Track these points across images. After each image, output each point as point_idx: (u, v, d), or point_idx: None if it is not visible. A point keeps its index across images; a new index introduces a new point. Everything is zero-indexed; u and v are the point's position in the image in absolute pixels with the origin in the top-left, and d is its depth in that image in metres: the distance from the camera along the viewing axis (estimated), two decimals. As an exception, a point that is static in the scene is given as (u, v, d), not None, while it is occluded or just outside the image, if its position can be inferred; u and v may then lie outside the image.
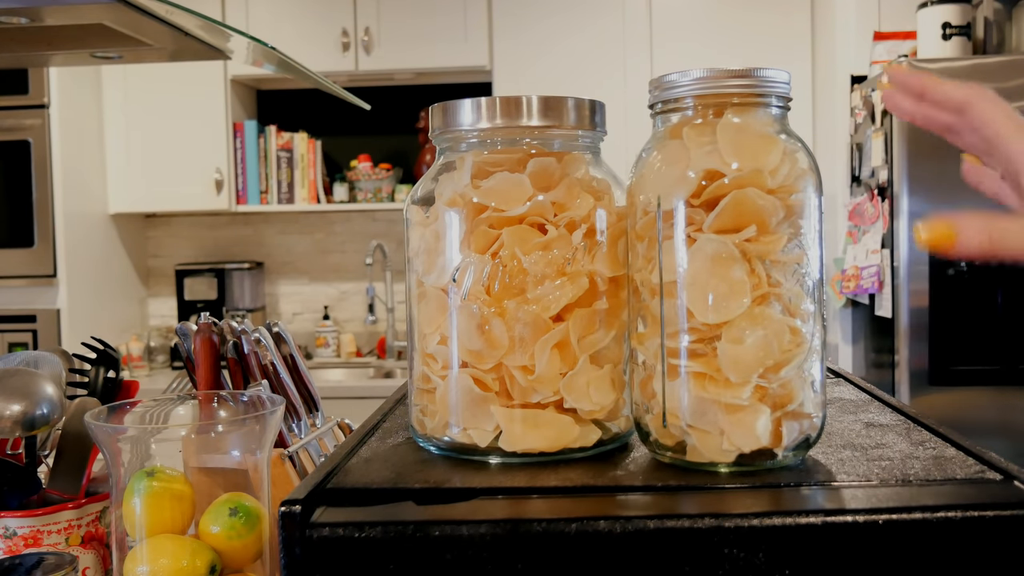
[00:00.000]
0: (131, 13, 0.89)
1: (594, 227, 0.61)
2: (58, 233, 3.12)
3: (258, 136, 3.47)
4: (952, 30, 2.56)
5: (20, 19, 0.91)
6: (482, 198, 0.60)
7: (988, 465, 0.57)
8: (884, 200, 2.52)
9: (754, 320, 0.56)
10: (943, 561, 0.50)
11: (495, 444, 0.60)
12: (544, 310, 0.59)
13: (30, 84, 3.08)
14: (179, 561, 0.70)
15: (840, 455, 0.60)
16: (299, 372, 1.02)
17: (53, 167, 3.11)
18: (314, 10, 3.34)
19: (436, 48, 3.31)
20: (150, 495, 0.71)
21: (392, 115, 3.59)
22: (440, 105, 0.64)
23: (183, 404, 0.84)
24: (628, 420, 0.64)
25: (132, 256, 3.64)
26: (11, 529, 0.83)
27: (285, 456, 0.91)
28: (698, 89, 0.58)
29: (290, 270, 3.76)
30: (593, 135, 0.65)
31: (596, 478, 0.57)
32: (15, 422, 0.82)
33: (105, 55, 1.14)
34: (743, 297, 0.55)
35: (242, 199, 3.45)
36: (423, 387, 0.64)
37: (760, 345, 0.55)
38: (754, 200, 0.55)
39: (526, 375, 0.59)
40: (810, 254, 0.58)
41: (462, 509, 0.53)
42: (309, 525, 0.51)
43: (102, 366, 0.99)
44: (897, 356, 2.46)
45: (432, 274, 0.62)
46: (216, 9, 3.33)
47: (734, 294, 0.55)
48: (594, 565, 0.50)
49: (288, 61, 1.16)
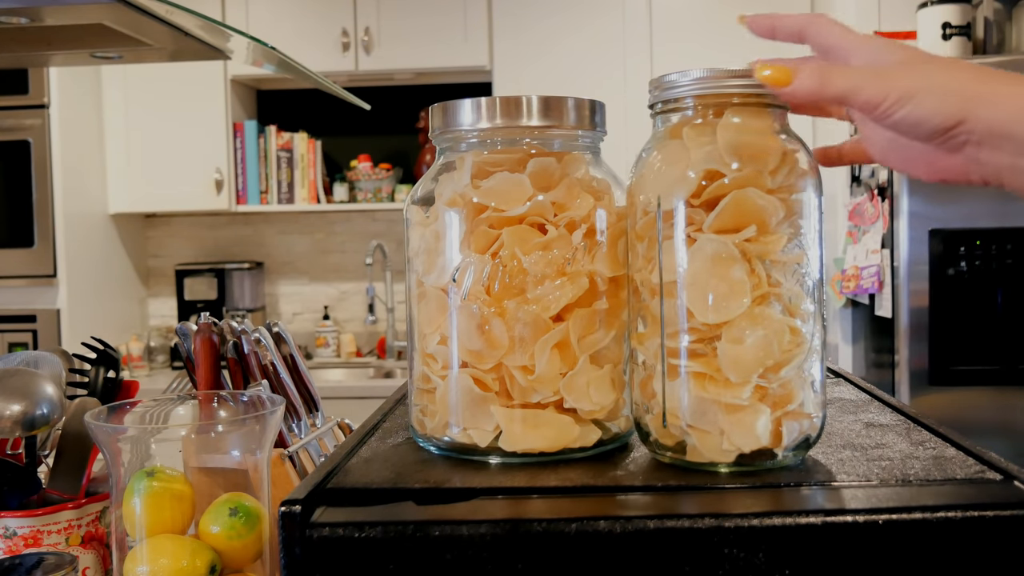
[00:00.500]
0: (131, 13, 0.90)
1: (594, 227, 0.61)
2: (58, 233, 3.12)
3: (258, 136, 3.47)
4: (952, 30, 2.56)
5: (20, 19, 0.91)
6: (482, 198, 0.60)
7: (988, 465, 0.57)
8: (884, 200, 2.52)
9: (754, 320, 0.56)
10: (943, 561, 0.50)
11: (495, 444, 0.60)
12: (544, 310, 0.59)
13: (30, 84, 3.08)
14: (179, 561, 0.70)
15: (840, 455, 0.60)
16: (299, 372, 1.02)
17: (53, 167, 3.11)
18: (314, 10, 3.34)
19: (436, 48, 3.31)
20: (150, 495, 0.71)
21: (392, 115, 3.59)
22: (440, 105, 0.64)
23: (183, 404, 0.84)
24: (628, 420, 0.64)
25: (132, 256, 3.64)
26: (11, 529, 0.83)
27: (285, 456, 0.91)
28: (698, 89, 0.58)
29: (290, 270, 3.76)
30: (593, 135, 0.65)
31: (596, 478, 0.57)
32: (15, 422, 0.82)
33: (105, 55, 1.14)
34: (743, 297, 0.55)
35: (242, 199, 3.45)
36: (423, 387, 0.64)
37: (760, 345, 0.55)
38: (754, 200, 0.55)
39: (526, 375, 0.59)
40: (810, 254, 0.58)
41: (462, 509, 0.53)
42: (309, 525, 0.51)
43: (102, 366, 0.99)
44: (897, 356, 2.46)
45: (432, 274, 0.62)
46: (216, 9, 3.33)
47: (734, 294, 0.55)
48: (594, 565, 0.50)
49: (288, 61, 1.16)
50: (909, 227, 2.41)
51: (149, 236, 3.76)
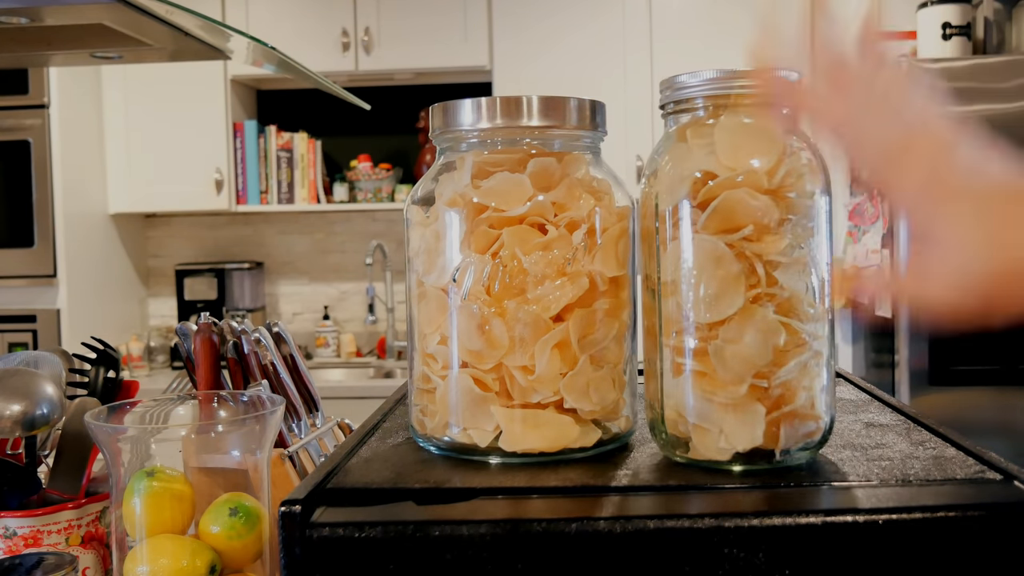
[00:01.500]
0: (131, 13, 0.89)
1: (594, 227, 0.61)
2: (58, 233, 3.11)
3: (258, 136, 3.47)
4: (952, 30, 2.56)
5: (20, 19, 0.91)
6: (482, 198, 0.60)
7: (988, 465, 0.57)
8: (884, 200, 2.52)
9: (748, 320, 0.56)
10: (943, 561, 0.50)
11: (495, 444, 0.60)
12: (544, 310, 0.59)
13: (30, 84, 3.08)
14: (179, 561, 0.70)
15: (840, 455, 0.60)
16: (299, 372, 1.02)
17: (53, 167, 3.11)
18: (314, 10, 3.33)
19: (436, 48, 3.31)
20: (150, 495, 0.71)
21: (392, 115, 3.59)
22: (440, 105, 0.64)
23: (183, 404, 0.84)
24: (628, 420, 0.64)
25: (132, 256, 3.63)
26: (11, 529, 0.83)
27: (285, 456, 0.91)
28: (704, 90, 0.59)
29: (290, 270, 3.76)
30: (593, 135, 0.65)
31: (596, 478, 0.57)
32: (15, 422, 0.82)
33: (105, 55, 1.14)
34: (737, 296, 0.56)
35: (242, 199, 3.45)
36: (423, 387, 0.64)
37: (753, 345, 0.55)
38: (746, 200, 0.55)
39: (526, 375, 0.59)
40: (816, 255, 0.58)
41: (462, 509, 0.53)
42: (309, 525, 0.51)
43: (102, 366, 0.99)
44: (897, 356, 2.46)
45: (432, 274, 0.62)
46: (216, 9, 3.32)
47: (727, 293, 0.56)
48: (594, 565, 0.50)
49: (288, 61, 1.16)
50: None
51: (149, 236, 3.76)
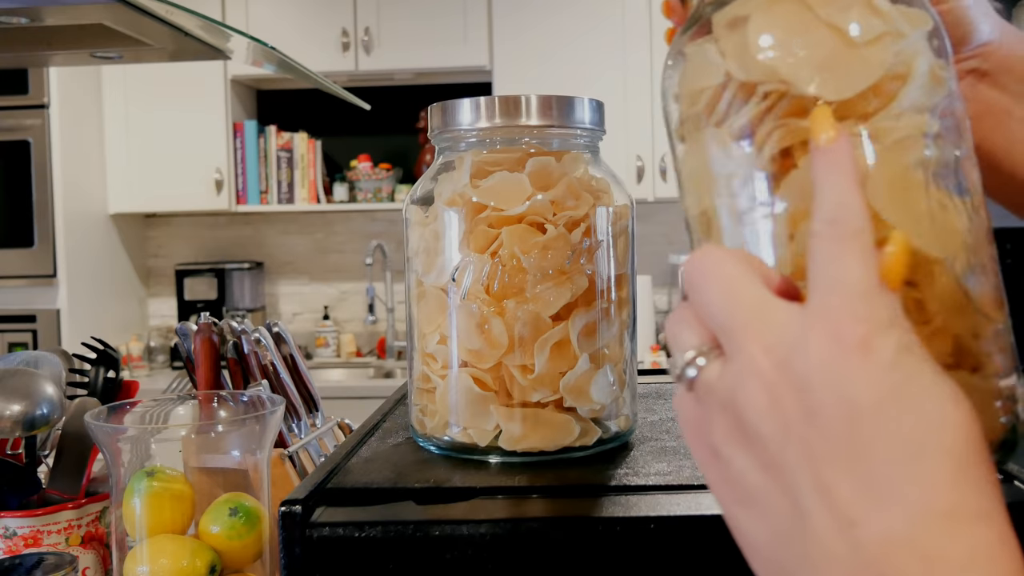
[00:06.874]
0: (131, 13, 0.89)
1: (594, 226, 0.61)
2: (58, 233, 3.11)
3: (258, 136, 3.47)
4: (952, 29, 2.56)
5: (20, 19, 0.91)
6: (481, 197, 0.60)
7: (988, 464, 0.57)
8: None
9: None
10: (943, 560, 0.50)
11: (495, 443, 0.60)
12: (544, 309, 0.59)
13: (30, 84, 3.08)
14: (179, 561, 0.70)
15: (840, 454, 0.60)
16: (299, 372, 1.02)
17: (53, 167, 3.11)
18: (314, 10, 3.34)
19: (436, 48, 3.31)
20: (150, 495, 0.71)
21: (392, 115, 3.59)
22: (439, 105, 0.64)
23: (183, 404, 0.84)
24: (628, 419, 0.64)
25: (132, 256, 3.64)
26: (11, 529, 0.83)
27: (285, 456, 0.91)
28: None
29: (290, 270, 3.76)
30: (592, 134, 0.65)
31: (596, 478, 0.57)
32: (15, 422, 0.82)
33: (105, 55, 1.14)
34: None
35: (242, 199, 3.45)
36: (423, 387, 0.64)
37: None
38: None
39: (526, 374, 0.59)
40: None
41: (462, 509, 0.53)
42: (309, 525, 0.51)
43: (102, 366, 0.99)
44: (897, 356, 2.46)
45: (432, 274, 0.62)
46: (216, 9, 3.32)
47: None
48: (594, 565, 0.50)
49: (288, 61, 1.16)
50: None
51: (149, 236, 3.76)
